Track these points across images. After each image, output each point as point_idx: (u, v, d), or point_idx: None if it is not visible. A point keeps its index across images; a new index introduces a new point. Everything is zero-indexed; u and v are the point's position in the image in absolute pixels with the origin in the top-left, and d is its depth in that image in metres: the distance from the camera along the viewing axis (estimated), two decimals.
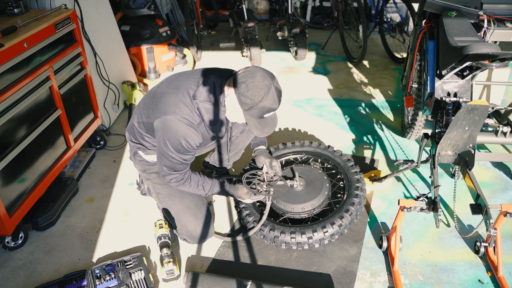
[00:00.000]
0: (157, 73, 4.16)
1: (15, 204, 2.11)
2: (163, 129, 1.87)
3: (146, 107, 2.00)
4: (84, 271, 1.97)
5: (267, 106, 1.76)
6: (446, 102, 2.22)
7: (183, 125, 1.84)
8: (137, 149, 2.15)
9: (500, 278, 1.94)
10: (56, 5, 2.63)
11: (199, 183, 2.03)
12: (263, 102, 1.74)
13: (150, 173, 2.19)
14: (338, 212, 2.11)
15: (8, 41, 2.00)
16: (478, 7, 2.36)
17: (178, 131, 1.85)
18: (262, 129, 1.85)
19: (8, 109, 2.02)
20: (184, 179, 1.99)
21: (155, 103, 1.94)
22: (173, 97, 1.89)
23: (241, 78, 1.76)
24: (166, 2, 4.60)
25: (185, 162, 1.94)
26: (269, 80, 1.75)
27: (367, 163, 2.85)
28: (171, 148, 1.87)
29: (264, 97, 1.73)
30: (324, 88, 4.01)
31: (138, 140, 2.11)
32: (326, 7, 5.88)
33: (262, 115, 1.80)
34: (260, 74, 1.75)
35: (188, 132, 1.85)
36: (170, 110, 1.85)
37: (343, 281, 1.98)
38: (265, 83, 1.74)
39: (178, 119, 1.84)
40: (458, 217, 2.34)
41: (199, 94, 1.87)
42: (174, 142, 1.86)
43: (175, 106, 1.86)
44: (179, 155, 1.90)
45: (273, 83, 1.76)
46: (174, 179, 1.97)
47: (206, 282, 1.90)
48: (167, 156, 1.90)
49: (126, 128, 2.19)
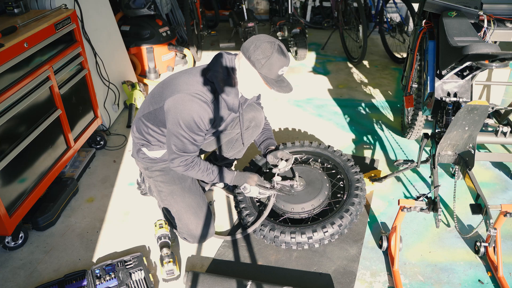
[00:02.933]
0: (157, 73, 4.17)
1: (15, 204, 2.11)
2: (174, 106, 1.86)
3: (153, 96, 2.03)
4: (84, 271, 1.97)
5: (279, 59, 1.81)
6: (446, 102, 2.22)
7: (196, 100, 1.85)
8: (140, 146, 2.15)
9: (500, 278, 1.94)
10: (56, 5, 2.63)
11: (207, 167, 2.03)
12: (274, 55, 1.80)
13: (152, 171, 2.19)
14: (338, 212, 2.11)
15: (8, 41, 2.00)
16: (478, 7, 2.36)
17: (192, 107, 1.85)
18: (281, 87, 1.88)
19: (8, 109, 2.02)
20: (193, 162, 1.99)
21: (165, 88, 1.97)
22: (184, 76, 1.94)
23: (247, 43, 1.85)
24: (166, 2, 4.60)
25: (195, 143, 1.93)
26: (272, 39, 1.84)
27: (367, 163, 2.85)
28: (183, 126, 1.86)
29: (273, 51, 1.80)
30: (324, 88, 4.01)
31: (143, 135, 2.11)
32: (326, 7, 5.88)
33: (277, 71, 1.83)
34: (264, 36, 1.85)
35: (200, 109, 1.86)
36: (182, 88, 1.87)
37: (343, 281, 1.98)
38: (271, 40, 1.83)
39: (191, 94, 1.85)
40: (458, 217, 2.34)
41: (212, 67, 1.92)
42: (186, 118, 1.85)
43: (187, 83, 1.89)
44: (190, 134, 1.89)
45: (277, 41, 1.84)
46: (183, 162, 1.96)
47: (206, 282, 1.90)
48: (178, 135, 1.89)
49: (133, 122, 2.20)
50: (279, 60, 1.81)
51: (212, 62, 1.94)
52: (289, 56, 1.87)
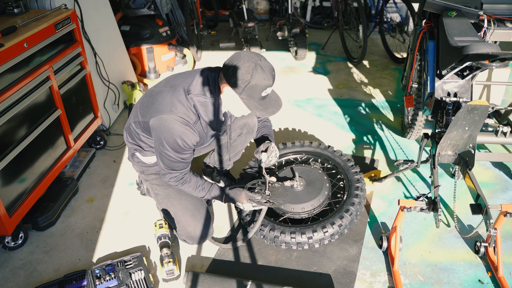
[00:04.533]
0: (157, 73, 4.16)
1: (15, 204, 2.11)
2: (159, 128, 1.86)
3: (142, 106, 2.00)
4: (84, 271, 1.97)
5: (260, 83, 1.72)
6: (446, 102, 2.22)
7: (178, 124, 1.83)
8: (134, 151, 2.15)
9: (500, 278, 1.94)
10: (56, 5, 2.63)
11: (198, 184, 2.03)
12: (254, 78, 1.70)
13: (148, 174, 2.19)
14: (338, 212, 2.11)
15: (8, 41, 2.00)
16: (478, 7, 2.36)
17: (174, 130, 1.84)
18: (265, 109, 1.81)
19: (8, 109, 2.02)
20: (183, 179, 1.99)
21: (151, 102, 1.94)
22: (168, 95, 1.88)
23: (228, 64, 1.76)
24: (166, 2, 4.60)
25: (183, 161, 1.94)
26: (254, 57, 1.73)
27: (367, 163, 2.85)
28: (168, 148, 1.87)
29: (253, 74, 1.70)
30: (324, 88, 4.01)
31: (135, 140, 2.11)
32: (326, 7, 5.88)
33: (260, 94, 1.75)
34: (245, 54, 1.74)
35: (184, 131, 1.84)
36: (166, 109, 1.84)
37: (343, 281, 1.98)
38: (251, 59, 1.72)
39: (174, 118, 1.83)
40: (458, 217, 2.34)
41: (193, 89, 1.86)
42: (170, 141, 1.85)
43: (171, 104, 1.85)
44: (177, 154, 1.89)
45: (260, 59, 1.73)
46: (173, 178, 1.97)
47: (206, 282, 1.90)
48: (165, 155, 1.90)
49: (124, 128, 2.19)
50: (261, 81, 1.71)
51: (195, 83, 1.87)
52: (273, 74, 1.77)
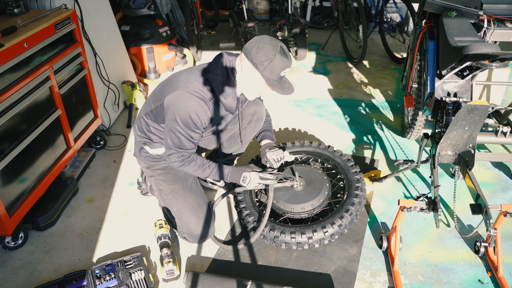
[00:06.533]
0: (157, 73, 4.17)
1: (15, 204, 2.11)
2: (173, 103, 1.89)
3: (155, 94, 2.05)
4: (84, 271, 1.97)
5: (281, 62, 1.81)
6: (446, 102, 2.22)
7: (194, 98, 1.86)
8: (143, 144, 2.16)
9: (500, 278, 1.94)
10: (56, 5, 2.63)
11: (204, 163, 2.03)
12: (277, 57, 1.80)
13: (154, 170, 2.19)
14: (338, 212, 2.11)
15: (8, 41, 2.00)
16: (478, 7, 2.36)
17: (189, 104, 1.86)
18: (283, 88, 1.89)
19: (8, 109, 2.02)
20: (190, 158, 1.99)
21: (165, 85, 1.99)
22: (184, 74, 1.96)
23: (249, 45, 1.84)
24: (166, 2, 4.60)
25: (191, 140, 1.95)
26: (275, 40, 1.84)
27: (367, 163, 2.85)
28: (180, 122, 1.88)
29: (276, 53, 1.80)
30: (324, 88, 4.01)
31: (145, 133, 2.11)
32: (326, 7, 5.88)
33: (279, 73, 1.84)
34: (267, 37, 1.85)
35: (197, 106, 1.87)
36: (182, 85, 1.89)
37: (343, 281, 1.98)
38: (273, 41, 1.82)
39: (189, 91, 1.86)
40: (458, 217, 2.34)
41: (211, 68, 1.93)
42: (183, 115, 1.87)
43: (186, 81, 1.91)
44: (187, 130, 1.90)
45: (279, 42, 1.84)
46: (179, 157, 1.96)
47: (206, 282, 1.90)
48: (174, 131, 1.91)
49: (135, 121, 2.20)
50: (281, 61, 1.81)
51: (213, 63, 1.95)
52: (291, 58, 1.88)
